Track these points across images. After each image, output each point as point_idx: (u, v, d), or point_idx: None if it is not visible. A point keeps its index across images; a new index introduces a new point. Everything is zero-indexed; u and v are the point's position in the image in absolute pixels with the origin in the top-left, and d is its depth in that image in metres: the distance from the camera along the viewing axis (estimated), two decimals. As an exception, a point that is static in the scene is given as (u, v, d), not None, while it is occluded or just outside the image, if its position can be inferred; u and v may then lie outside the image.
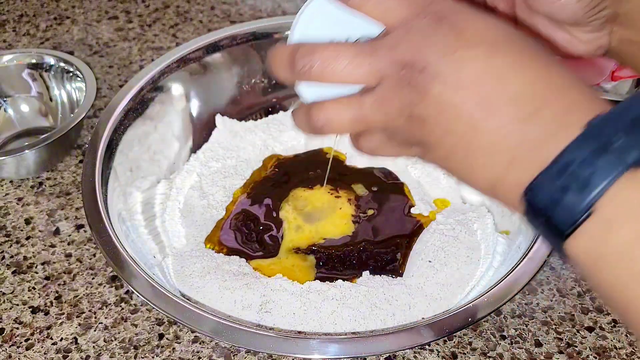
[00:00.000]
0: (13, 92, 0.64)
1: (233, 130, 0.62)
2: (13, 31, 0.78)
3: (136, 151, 0.55)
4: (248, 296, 0.47)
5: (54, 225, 0.55)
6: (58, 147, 0.58)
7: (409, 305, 0.47)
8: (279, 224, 0.54)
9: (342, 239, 0.52)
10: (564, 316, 0.48)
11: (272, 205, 0.55)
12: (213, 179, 0.58)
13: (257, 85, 0.64)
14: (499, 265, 0.48)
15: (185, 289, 0.48)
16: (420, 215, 0.55)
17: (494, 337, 0.47)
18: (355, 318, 0.46)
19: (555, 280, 0.51)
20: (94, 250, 0.53)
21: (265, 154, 0.61)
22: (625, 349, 0.46)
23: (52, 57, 0.63)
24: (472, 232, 0.52)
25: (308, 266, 0.51)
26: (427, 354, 0.46)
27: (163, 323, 0.48)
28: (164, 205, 0.55)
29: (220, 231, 0.53)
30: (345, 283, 0.49)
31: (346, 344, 0.40)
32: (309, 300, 0.47)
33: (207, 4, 0.82)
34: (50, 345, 0.47)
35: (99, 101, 0.67)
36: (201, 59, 0.60)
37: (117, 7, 0.82)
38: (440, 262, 0.50)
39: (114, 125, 0.53)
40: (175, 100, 0.59)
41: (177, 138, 0.59)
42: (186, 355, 0.46)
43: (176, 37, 0.76)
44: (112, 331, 0.47)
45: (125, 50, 0.74)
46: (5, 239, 0.54)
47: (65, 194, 0.58)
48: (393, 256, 0.51)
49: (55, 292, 0.50)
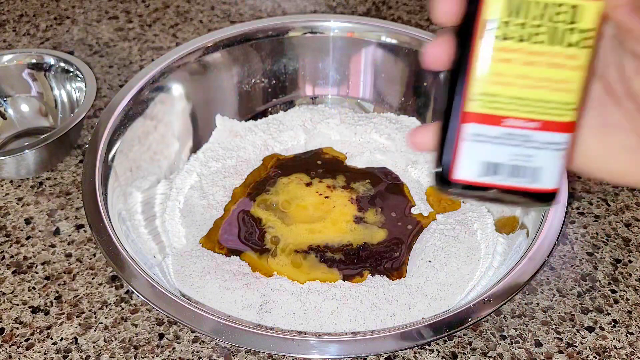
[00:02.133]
0: (13, 92, 0.64)
1: (233, 130, 0.62)
2: (13, 31, 0.78)
3: (136, 151, 0.55)
4: (248, 296, 0.47)
5: (54, 225, 0.55)
6: (58, 147, 0.58)
7: (409, 305, 0.47)
8: (278, 224, 0.54)
9: (342, 239, 0.53)
10: (564, 316, 0.48)
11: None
12: (213, 179, 0.58)
13: (257, 85, 0.64)
14: (499, 265, 0.48)
15: (185, 289, 0.48)
16: (420, 215, 0.55)
17: (494, 337, 0.47)
18: (355, 318, 0.46)
19: (555, 280, 0.51)
20: (94, 250, 0.53)
21: (265, 153, 0.61)
22: (625, 349, 0.46)
23: (52, 57, 0.63)
24: (472, 232, 0.52)
25: (308, 266, 0.51)
26: (427, 354, 0.46)
27: (163, 323, 0.48)
28: (164, 205, 0.55)
29: (220, 231, 0.54)
30: (345, 283, 0.49)
31: (346, 344, 0.40)
32: (309, 300, 0.47)
33: (207, 4, 0.82)
34: (50, 345, 0.47)
35: (99, 101, 0.67)
36: (201, 59, 0.60)
37: (117, 7, 0.82)
38: (440, 262, 0.50)
39: (114, 125, 0.53)
40: (175, 100, 0.59)
41: (177, 138, 0.59)
42: (186, 355, 0.46)
43: (176, 37, 0.77)
44: (112, 331, 0.47)
45: (125, 50, 0.74)
46: (5, 239, 0.54)
47: (65, 194, 0.58)
48: (393, 256, 0.51)
49: (55, 292, 0.50)
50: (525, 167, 0.27)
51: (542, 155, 0.27)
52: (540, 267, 0.43)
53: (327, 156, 0.60)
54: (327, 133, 0.62)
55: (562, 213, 0.46)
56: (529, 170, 0.28)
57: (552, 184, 0.28)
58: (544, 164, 0.27)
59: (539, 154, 0.27)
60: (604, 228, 0.55)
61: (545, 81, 0.26)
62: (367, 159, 0.60)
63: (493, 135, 0.27)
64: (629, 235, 0.54)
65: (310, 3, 0.82)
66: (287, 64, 0.64)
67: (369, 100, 0.65)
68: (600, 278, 0.51)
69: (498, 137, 0.27)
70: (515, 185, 0.28)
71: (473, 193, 0.28)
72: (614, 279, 0.51)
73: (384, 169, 0.59)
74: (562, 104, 0.27)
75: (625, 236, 0.54)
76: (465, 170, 0.28)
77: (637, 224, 0.55)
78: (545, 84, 0.26)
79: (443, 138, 0.28)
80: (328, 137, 0.62)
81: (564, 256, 0.53)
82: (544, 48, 0.26)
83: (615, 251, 0.53)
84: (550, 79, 0.26)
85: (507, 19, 0.26)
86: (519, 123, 0.27)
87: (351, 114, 0.64)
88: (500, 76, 0.26)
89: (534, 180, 0.28)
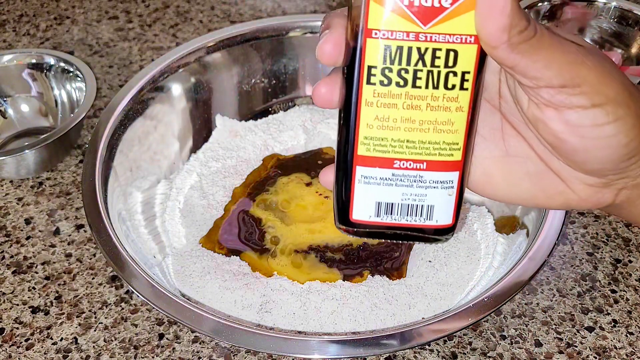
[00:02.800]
0: (13, 92, 0.64)
1: (233, 130, 0.62)
2: (13, 31, 0.78)
3: (136, 151, 0.55)
4: (248, 296, 0.47)
5: (54, 225, 0.55)
6: (58, 147, 0.58)
7: (409, 305, 0.47)
8: (278, 224, 0.54)
9: (342, 239, 0.53)
10: (564, 316, 0.48)
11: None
12: (213, 179, 0.58)
13: (257, 85, 0.64)
14: (499, 265, 0.48)
15: (185, 289, 0.48)
16: (420, 215, 0.55)
17: (494, 337, 0.47)
18: (355, 318, 0.46)
19: (555, 280, 0.51)
20: (94, 250, 0.53)
21: (265, 153, 0.61)
22: (625, 349, 0.46)
23: (52, 57, 0.63)
24: (472, 232, 0.52)
25: (308, 266, 0.51)
26: (427, 354, 0.46)
27: (163, 323, 0.48)
28: (164, 205, 0.55)
29: (220, 231, 0.54)
30: (345, 283, 0.49)
31: (346, 344, 0.40)
32: (309, 300, 0.47)
33: (207, 4, 0.82)
34: (50, 345, 0.47)
35: (99, 101, 0.67)
36: (201, 59, 0.60)
37: (117, 7, 0.82)
38: (440, 262, 0.50)
39: (114, 125, 0.53)
40: (175, 100, 0.59)
41: (177, 138, 0.59)
42: (186, 355, 0.46)
43: (176, 37, 0.77)
44: (112, 331, 0.47)
45: (125, 50, 0.74)
46: (5, 239, 0.54)
47: (65, 194, 0.58)
48: (393, 256, 0.51)
49: (55, 292, 0.50)
50: (418, 206, 0.28)
51: (433, 194, 0.28)
52: (540, 267, 0.43)
53: (327, 156, 0.60)
54: (327, 133, 0.62)
55: (562, 213, 0.46)
56: (423, 208, 0.28)
57: (446, 220, 0.29)
58: (436, 201, 0.28)
59: (430, 192, 0.28)
60: (604, 228, 0.55)
61: (429, 123, 0.27)
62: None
63: (384, 177, 0.28)
64: (629, 235, 0.54)
65: (310, 3, 0.82)
66: (287, 64, 0.64)
67: (369, 100, 0.65)
68: (600, 278, 0.51)
69: (389, 178, 0.28)
70: (411, 223, 0.29)
71: (373, 231, 0.29)
72: (614, 279, 0.51)
73: (384, 169, 0.59)
74: (448, 144, 0.27)
75: (625, 236, 0.54)
76: (361, 211, 0.28)
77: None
78: (429, 126, 0.27)
79: (340, 179, 0.28)
80: (328, 137, 0.62)
81: (564, 256, 0.53)
82: (425, 92, 0.26)
83: (615, 251, 0.53)
84: (434, 121, 0.27)
85: (388, 65, 0.26)
86: (408, 164, 0.27)
87: (351, 114, 0.63)
88: (386, 120, 0.27)
89: (428, 217, 0.28)
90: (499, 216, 0.53)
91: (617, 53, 0.67)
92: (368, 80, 0.26)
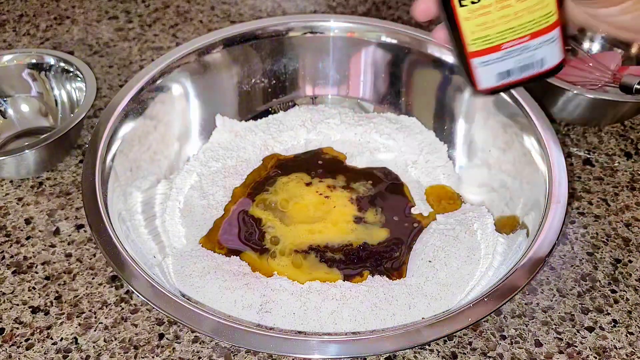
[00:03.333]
0: (13, 92, 0.64)
1: (233, 130, 0.62)
2: (13, 31, 0.78)
3: (136, 151, 0.55)
4: (248, 296, 0.47)
5: (54, 225, 0.55)
6: (58, 147, 0.58)
7: (409, 305, 0.47)
8: (278, 224, 0.54)
9: (342, 239, 0.53)
10: (564, 316, 0.48)
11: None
12: (213, 179, 0.58)
13: (257, 85, 0.64)
14: (499, 265, 0.48)
15: (185, 289, 0.48)
16: (420, 215, 0.55)
17: (494, 337, 0.47)
18: (355, 318, 0.46)
19: (555, 280, 0.51)
20: (94, 250, 0.53)
21: (265, 154, 0.61)
22: (625, 349, 0.46)
23: (52, 57, 0.63)
24: (472, 232, 0.52)
25: (308, 266, 0.51)
26: (427, 354, 0.46)
27: (163, 323, 0.48)
28: (164, 205, 0.55)
29: (220, 231, 0.54)
30: (345, 283, 0.49)
31: (346, 344, 0.40)
32: (309, 300, 0.47)
33: (207, 4, 0.82)
34: (50, 345, 0.47)
35: (99, 101, 0.67)
36: (201, 59, 0.60)
37: (117, 7, 0.82)
38: (440, 262, 0.50)
39: (114, 125, 0.53)
40: (175, 100, 0.59)
41: (177, 138, 0.59)
42: (186, 355, 0.46)
43: (176, 37, 0.77)
44: (112, 331, 0.47)
45: (125, 50, 0.74)
46: (5, 239, 0.54)
47: (65, 194, 0.58)
48: (393, 256, 0.51)
49: (55, 292, 0.50)
50: (530, 63, 0.35)
51: (541, 50, 0.34)
52: (540, 267, 0.43)
53: (327, 156, 0.60)
54: (327, 133, 0.62)
55: (562, 213, 0.46)
56: (535, 62, 0.35)
57: (556, 60, 0.35)
58: (545, 54, 0.35)
59: (538, 51, 0.34)
60: (604, 228, 0.55)
61: (522, 11, 0.33)
62: (367, 159, 0.60)
63: (496, 58, 0.35)
64: (629, 235, 0.54)
65: (310, 3, 0.82)
66: (287, 64, 0.64)
67: (369, 100, 0.65)
68: (600, 278, 0.51)
69: (501, 57, 0.35)
70: (529, 75, 0.36)
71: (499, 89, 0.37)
72: (614, 279, 0.51)
73: (384, 169, 0.59)
74: (543, 16, 0.33)
75: (625, 236, 0.54)
76: (485, 82, 0.36)
77: (637, 224, 0.55)
78: (523, 13, 0.33)
79: (463, 65, 0.36)
80: (328, 137, 0.62)
81: (564, 256, 0.53)
82: None
83: (615, 251, 0.53)
84: (526, 8, 0.32)
85: None
86: (514, 43, 0.34)
87: (351, 114, 0.64)
88: (485, 24, 0.33)
89: (541, 66, 0.35)
90: (499, 216, 0.53)
91: (617, 53, 0.67)
92: (460, 3, 0.32)
